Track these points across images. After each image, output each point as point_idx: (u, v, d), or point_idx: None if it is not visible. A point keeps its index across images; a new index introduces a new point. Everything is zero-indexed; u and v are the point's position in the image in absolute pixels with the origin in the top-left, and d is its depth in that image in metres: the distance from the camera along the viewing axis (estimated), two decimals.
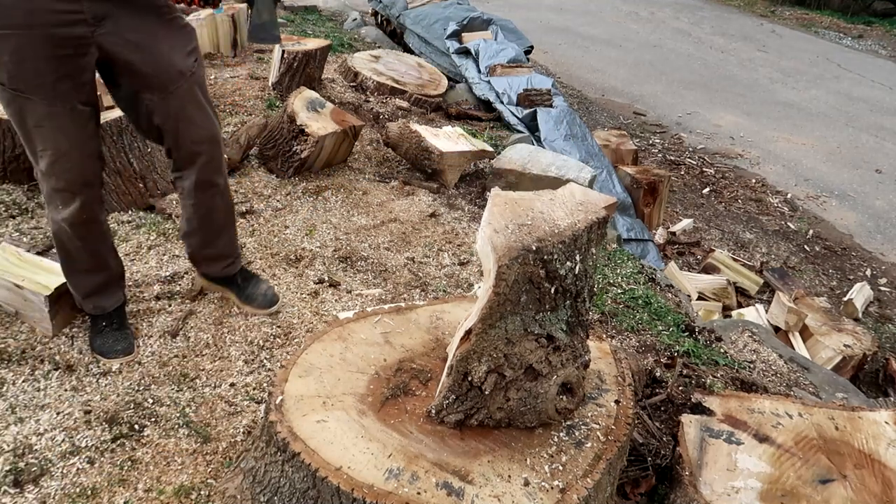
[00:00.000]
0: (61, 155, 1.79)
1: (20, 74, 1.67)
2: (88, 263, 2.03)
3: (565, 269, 1.30)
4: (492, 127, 4.99)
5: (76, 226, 1.91)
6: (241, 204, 3.06)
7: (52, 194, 1.88)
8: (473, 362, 1.35)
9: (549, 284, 1.30)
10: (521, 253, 1.25)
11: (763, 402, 1.81)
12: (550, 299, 1.33)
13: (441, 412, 1.42)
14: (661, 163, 5.95)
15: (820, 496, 1.53)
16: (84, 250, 1.99)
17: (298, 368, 1.50)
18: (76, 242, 1.96)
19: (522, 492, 1.27)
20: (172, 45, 1.82)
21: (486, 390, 1.37)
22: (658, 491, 1.77)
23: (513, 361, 1.36)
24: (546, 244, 1.26)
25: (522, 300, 1.30)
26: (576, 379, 1.44)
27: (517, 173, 3.46)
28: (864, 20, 12.50)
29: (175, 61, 1.82)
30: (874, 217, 5.41)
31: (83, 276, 2.04)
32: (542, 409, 1.41)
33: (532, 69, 5.72)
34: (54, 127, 1.75)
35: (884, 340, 3.90)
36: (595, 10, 11.12)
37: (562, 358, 1.40)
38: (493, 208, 1.34)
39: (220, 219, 2.16)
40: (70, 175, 1.83)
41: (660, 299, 2.94)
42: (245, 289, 2.32)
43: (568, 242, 1.29)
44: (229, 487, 1.51)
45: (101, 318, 2.10)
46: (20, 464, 1.69)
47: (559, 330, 1.38)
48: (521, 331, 1.34)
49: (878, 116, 7.51)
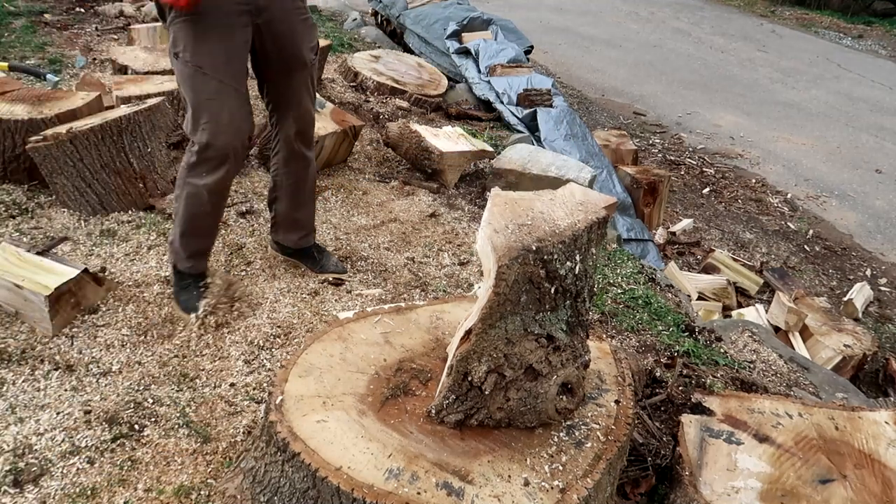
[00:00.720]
0: (222, 127, 2.08)
1: (199, 53, 2.00)
2: (205, 229, 2.32)
3: (565, 269, 1.30)
4: (492, 127, 4.99)
5: (214, 193, 2.19)
6: (241, 204, 3.06)
7: (200, 162, 2.14)
8: (473, 362, 1.35)
9: (549, 284, 1.30)
10: (521, 253, 1.25)
11: (763, 402, 1.81)
12: (550, 299, 1.33)
13: (441, 412, 1.42)
14: (661, 163, 5.95)
15: (820, 496, 1.53)
16: (209, 216, 2.28)
17: (298, 368, 1.50)
18: (206, 208, 2.23)
19: (522, 492, 1.27)
20: (303, 39, 2.20)
21: (486, 390, 1.37)
22: (658, 491, 1.77)
23: (513, 361, 1.36)
24: (546, 244, 1.26)
25: (522, 300, 1.30)
26: (576, 379, 1.44)
27: (517, 173, 3.46)
28: (864, 20, 12.50)
29: (303, 53, 2.21)
30: (874, 217, 5.41)
31: (196, 239, 2.31)
32: (543, 409, 1.41)
33: (532, 69, 5.72)
34: (221, 102, 2.06)
35: (884, 340, 3.90)
36: (595, 10, 11.11)
37: (562, 358, 1.40)
38: (493, 208, 1.34)
39: (307, 189, 2.50)
40: (225, 147, 2.11)
41: (660, 299, 2.94)
42: (319, 260, 2.63)
43: (568, 242, 1.29)
44: (229, 487, 1.51)
45: (189, 277, 2.35)
46: (20, 464, 1.69)
47: (559, 330, 1.38)
48: (522, 331, 1.34)
49: (878, 116, 7.51)
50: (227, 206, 3.01)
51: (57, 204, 2.86)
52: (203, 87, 2.04)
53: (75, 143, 2.69)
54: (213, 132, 2.08)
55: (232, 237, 2.81)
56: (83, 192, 2.79)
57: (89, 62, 4.72)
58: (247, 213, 3.00)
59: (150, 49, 4.46)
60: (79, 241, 2.66)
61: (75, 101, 3.05)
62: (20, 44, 4.85)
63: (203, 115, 2.07)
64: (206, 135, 2.09)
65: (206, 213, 2.26)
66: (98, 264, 2.50)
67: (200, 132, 2.09)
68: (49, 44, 4.98)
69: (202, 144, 2.10)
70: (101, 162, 2.76)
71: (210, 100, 2.05)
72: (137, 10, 6.19)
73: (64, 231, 2.71)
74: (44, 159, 2.73)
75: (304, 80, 2.25)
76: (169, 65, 4.13)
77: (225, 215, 2.95)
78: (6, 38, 4.97)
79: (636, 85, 7.81)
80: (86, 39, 5.32)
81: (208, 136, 2.09)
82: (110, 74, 4.16)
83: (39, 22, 5.58)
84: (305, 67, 2.24)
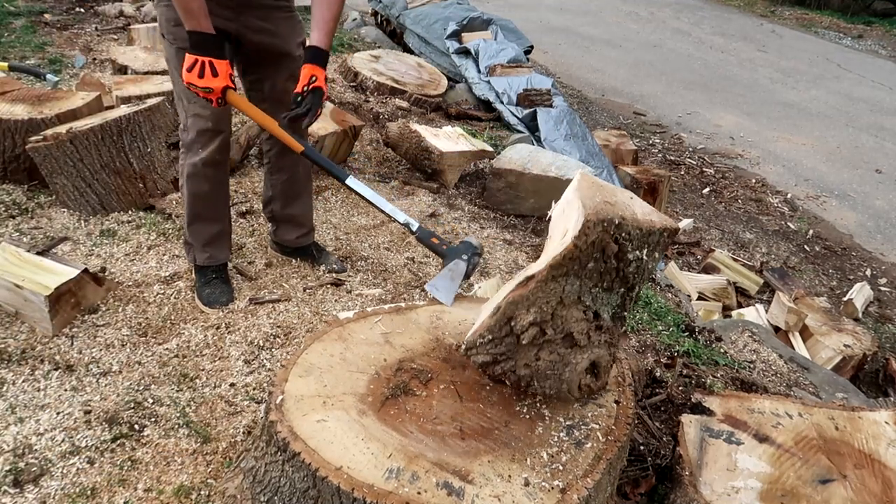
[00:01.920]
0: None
1: (184, 34, 2.02)
2: (211, 211, 2.35)
3: (633, 255, 1.35)
4: (492, 127, 4.99)
5: (210, 164, 2.24)
6: (241, 204, 3.06)
7: (194, 139, 2.22)
8: (522, 310, 1.39)
9: (615, 262, 1.35)
10: (608, 218, 1.29)
11: (763, 402, 1.81)
12: (610, 279, 1.37)
13: (471, 349, 1.47)
14: (661, 163, 5.95)
15: (820, 496, 1.53)
16: (211, 196, 2.32)
17: (299, 368, 1.50)
18: (206, 186, 2.28)
19: (523, 492, 1.27)
20: (288, 35, 2.24)
21: (523, 340, 1.40)
22: (658, 491, 1.77)
23: (557, 323, 1.39)
24: (627, 224, 1.31)
25: (589, 266, 1.34)
26: (605, 363, 1.47)
27: (517, 173, 3.46)
28: (864, 20, 12.51)
29: (288, 46, 2.24)
30: (874, 217, 5.41)
31: (204, 224, 2.35)
32: (568, 379, 1.44)
33: (532, 69, 5.72)
34: None
35: (884, 340, 3.90)
36: (595, 10, 11.12)
37: (601, 338, 1.43)
38: (581, 182, 1.40)
39: (300, 184, 2.51)
40: (215, 119, 2.19)
41: (660, 299, 2.94)
42: (319, 258, 2.65)
43: (644, 232, 1.33)
44: (229, 487, 1.51)
45: (210, 270, 2.39)
46: (20, 464, 1.69)
47: (607, 311, 1.42)
48: (576, 297, 1.38)
49: (878, 116, 7.51)
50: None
51: (57, 204, 2.86)
52: None
53: (75, 143, 2.69)
54: (203, 105, 2.14)
55: (232, 237, 2.81)
56: (83, 192, 2.79)
57: (89, 62, 4.72)
58: (247, 213, 3.00)
59: (150, 49, 4.46)
60: (79, 241, 2.66)
61: (75, 101, 3.05)
62: (20, 44, 4.85)
63: (191, 93, 2.10)
64: (195, 108, 2.16)
65: (208, 193, 2.30)
66: (98, 264, 2.50)
67: (190, 108, 2.18)
68: (49, 44, 4.98)
69: (192, 118, 2.18)
70: (101, 162, 2.76)
71: None
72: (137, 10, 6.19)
73: (64, 231, 2.71)
74: (44, 159, 2.73)
75: (291, 73, 2.23)
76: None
77: None
78: (6, 38, 4.97)
79: (636, 85, 7.81)
80: (86, 39, 5.32)
81: (198, 108, 2.16)
82: (110, 74, 4.16)
83: (39, 22, 5.58)
84: (294, 60, 2.24)
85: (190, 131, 2.23)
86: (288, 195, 2.52)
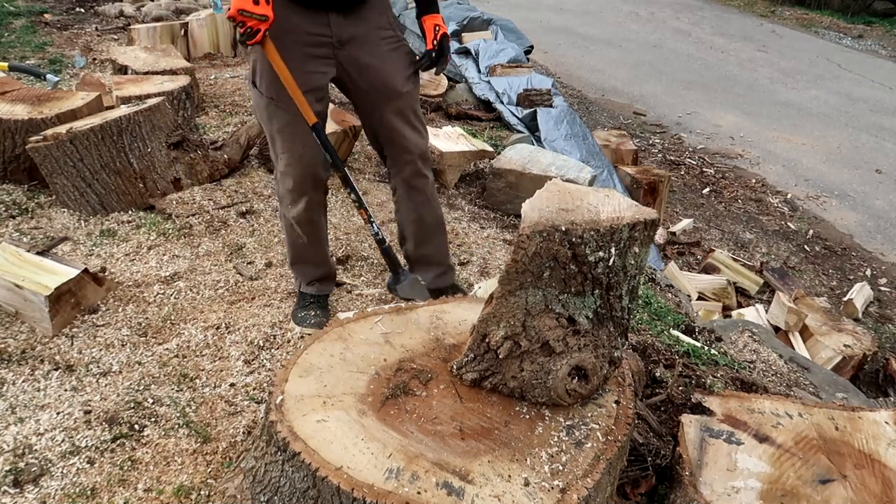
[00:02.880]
0: (295, 158, 2.07)
1: (274, 84, 1.94)
2: (311, 258, 2.32)
3: (596, 257, 1.33)
4: (492, 127, 4.99)
5: (302, 224, 2.20)
6: (241, 204, 3.06)
7: (284, 193, 2.16)
8: (492, 326, 1.42)
9: (575, 268, 1.34)
10: (548, 229, 1.29)
11: (763, 402, 1.81)
12: (577, 283, 1.36)
13: (461, 368, 1.50)
14: (661, 163, 5.95)
15: (820, 496, 1.53)
16: (308, 247, 2.28)
17: (299, 368, 1.50)
18: (302, 239, 2.25)
19: (522, 492, 1.27)
20: (395, 68, 2.07)
21: (500, 355, 1.43)
22: (658, 491, 1.77)
23: (530, 333, 1.40)
24: (577, 228, 1.30)
25: (545, 276, 1.34)
26: (591, 366, 1.46)
27: (517, 173, 3.46)
28: (864, 20, 12.50)
29: (395, 82, 2.07)
30: (874, 217, 5.41)
31: (306, 267, 2.34)
32: (553, 386, 1.44)
33: (532, 69, 5.73)
34: (294, 133, 2.02)
35: (884, 340, 3.90)
36: (595, 10, 11.12)
37: (580, 342, 1.43)
38: (543, 193, 1.41)
39: (429, 224, 2.35)
40: (300, 177, 2.10)
41: (660, 299, 2.94)
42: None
43: (603, 232, 1.32)
44: (229, 487, 1.51)
45: (310, 297, 2.36)
46: (20, 464, 1.69)
47: (583, 315, 1.41)
48: (542, 306, 1.38)
49: (878, 116, 7.51)
50: (227, 206, 3.02)
51: (57, 204, 2.86)
52: (276, 119, 2.02)
53: (75, 143, 2.69)
54: (287, 163, 2.08)
55: (232, 237, 2.81)
56: (83, 192, 2.79)
57: (89, 62, 4.72)
58: (247, 213, 3.00)
59: (150, 49, 4.46)
60: (79, 241, 2.66)
61: (75, 101, 3.05)
62: (20, 44, 4.85)
63: (278, 146, 2.08)
64: (282, 164, 2.10)
65: (304, 244, 2.26)
66: (98, 264, 2.50)
67: (279, 162, 2.12)
68: (49, 44, 4.99)
69: (281, 174, 2.13)
70: (101, 162, 2.77)
71: (282, 132, 2.04)
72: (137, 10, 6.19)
73: (64, 231, 2.71)
74: (44, 159, 2.73)
75: (400, 111, 2.11)
76: (168, 65, 4.14)
77: (225, 215, 2.96)
78: (6, 38, 4.97)
79: (636, 85, 7.81)
80: (86, 39, 5.32)
81: (283, 166, 2.10)
82: (110, 74, 4.17)
83: (39, 22, 5.58)
84: (400, 97, 2.09)
85: (280, 185, 2.18)
86: (418, 236, 2.37)
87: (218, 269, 2.58)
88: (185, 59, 4.47)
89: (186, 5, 6.15)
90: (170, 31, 5.04)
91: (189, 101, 3.66)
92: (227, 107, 4.20)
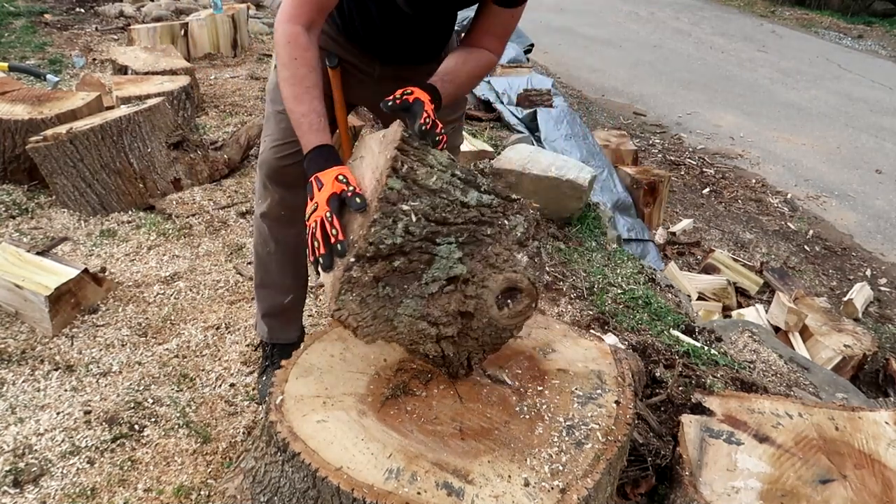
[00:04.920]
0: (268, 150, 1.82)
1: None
2: (272, 276, 1.96)
3: (393, 238, 1.27)
4: (492, 127, 4.99)
5: (269, 218, 1.88)
6: (241, 204, 3.06)
7: (259, 193, 1.90)
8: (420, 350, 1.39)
9: (398, 262, 1.30)
10: (344, 285, 1.27)
11: (763, 402, 1.81)
12: (418, 264, 1.32)
13: (453, 377, 1.51)
14: (661, 163, 5.95)
15: (820, 496, 1.53)
16: (273, 257, 1.93)
17: (299, 368, 1.50)
18: (270, 246, 1.92)
19: (522, 492, 1.27)
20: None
21: (451, 357, 1.41)
22: (658, 491, 1.77)
23: (443, 322, 1.36)
24: (357, 248, 1.26)
25: (387, 293, 1.31)
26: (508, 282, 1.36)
27: (517, 173, 3.46)
28: (864, 20, 12.50)
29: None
30: (874, 217, 5.41)
31: (266, 290, 1.99)
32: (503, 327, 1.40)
33: (532, 69, 5.73)
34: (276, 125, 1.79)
35: (884, 340, 3.90)
36: (595, 10, 11.12)
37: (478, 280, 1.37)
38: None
39: None
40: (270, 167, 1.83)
41: (660, 299, 2.94)
42: None
43: (370, 237, 1.26)
44: (229, 487, 1.51)
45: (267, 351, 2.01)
46: (20, 464, 1.69)
47: (452, 268, 1.35)
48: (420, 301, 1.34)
49: (878, 116, 7.51)
50: (227, 207, 3.02)
51: (57, 204, 2.86)
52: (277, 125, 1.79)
53: (75, 144, 2.69)
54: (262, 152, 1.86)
55: (232, 237, 2.81)
56: (83, 192, 2.79)
57: (89, 62, 4.72)
58: (247, 213, 3.00)
59: (150, 49, 4.46)
60: (79, 241, 2.66)
61: (75, 101, 3.05)
62: (20, 44, 4.85)
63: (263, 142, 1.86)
64: (259, 159, 1.88)
65: (270, 254, 1.93)
66: (98, 264, 2.50)
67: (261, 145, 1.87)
68: (49, 44, 4.99)
69: (259, 164, 1.89)
70: (101, 162, 2.77)
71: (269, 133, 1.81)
72: (137, 10, 6.19)
73: (64, 231, 2.71)
74: (44, 159, 2.73)
75: None
76: (168, 65, 4.14)
77: (225, 215, 2.96)
78: (6, 38, 4.97)
79: (636, 85, 7.81)
80: (86, 39, 5.32)
81: (260, 160, 1.87)
82: (110, 74, 4.17)
83: (39, 22, 5.58)
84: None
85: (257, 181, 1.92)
86: None
87: (218, 269, 2.58)
88: (185, 60, 4.47)
89: (186, 5, 6.15)
90: (170, 31, 5.04)
91: (189, 102, 3.66)
92: (227, 107, 4.20)
